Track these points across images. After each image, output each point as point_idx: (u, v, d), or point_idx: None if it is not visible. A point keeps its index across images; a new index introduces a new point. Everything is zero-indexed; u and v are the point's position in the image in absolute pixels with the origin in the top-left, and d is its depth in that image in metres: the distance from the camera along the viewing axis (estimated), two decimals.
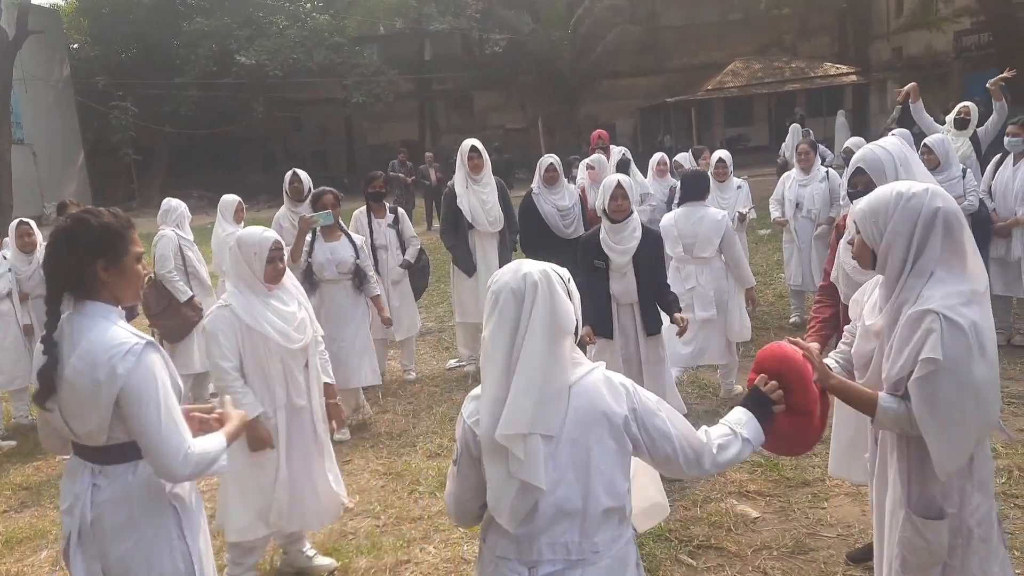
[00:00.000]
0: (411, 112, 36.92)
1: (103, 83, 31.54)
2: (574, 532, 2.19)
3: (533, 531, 2.19)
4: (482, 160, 7.21)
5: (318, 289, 6.10)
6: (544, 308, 2.17)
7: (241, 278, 3.93)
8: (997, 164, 6.93)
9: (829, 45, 36.97)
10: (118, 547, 2.50)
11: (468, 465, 2.26)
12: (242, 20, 32.14)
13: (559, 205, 7.19)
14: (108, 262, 2.47)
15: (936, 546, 2.52)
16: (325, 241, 6.14)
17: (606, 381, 2.25)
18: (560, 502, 2.17)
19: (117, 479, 2.50)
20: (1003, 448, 4.96)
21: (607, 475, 2.20)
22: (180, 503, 2.61)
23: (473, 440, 2.22)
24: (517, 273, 2.22)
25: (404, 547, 4.48)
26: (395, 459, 5.72)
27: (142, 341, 2.44)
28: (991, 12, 18.28)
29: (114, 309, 2.51)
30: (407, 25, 33.66)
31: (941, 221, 2.43)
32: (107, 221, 2.49)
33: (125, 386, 2.37)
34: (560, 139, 31.72)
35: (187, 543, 2.60)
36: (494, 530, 2.25)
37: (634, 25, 33.79)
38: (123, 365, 2.37)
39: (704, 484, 4.88)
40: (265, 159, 34.32)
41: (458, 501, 2.34)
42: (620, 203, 5.04)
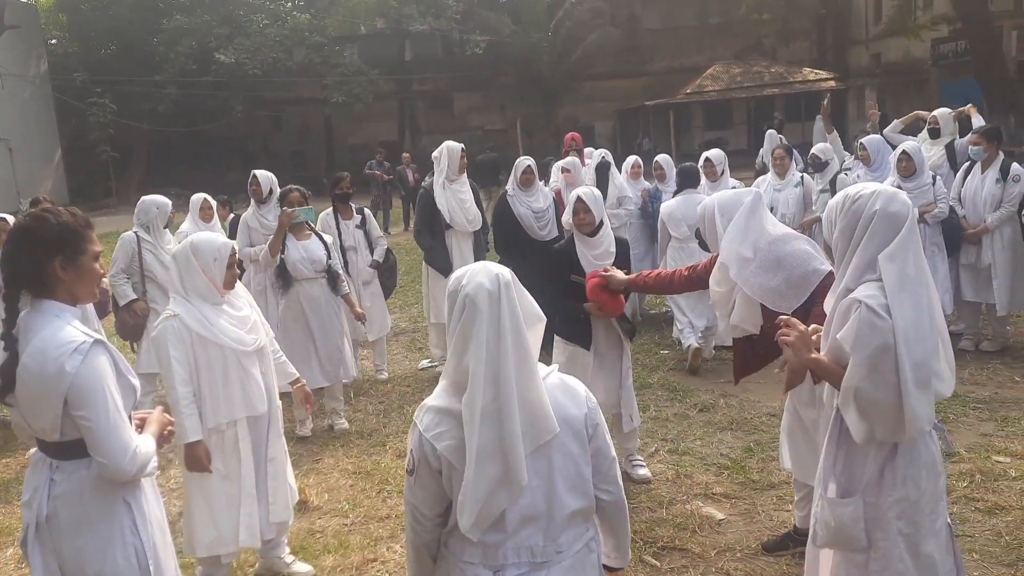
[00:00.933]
0: (391, 112, 36.87)
1: (81, 79, 31.30)
2: (539, 536, 2.22)
3: (499, 537, 2.20)
4: (467, 161, 7.42)
5: (292, 288, 6.08)
6: (519, 307, 2.20)
7: (193, 287, 3.74)
8: (966, 172, 7.04)
9: (808, 50, 37.25)
10: (72, 542, 2.53)
11: (427, 476, 2.23)
12: (222, 18, 31.98)
13: (534, 207, 7.22)
14: (66, 260, 2.50)
15: (844, 526, 2.61)
16: (297, 239, 6.12)
17: (562, 384, 2.29)
18: (525, 509, 2.19)
19: (72, 474, 2.53)
20: (967, 452, 5.04)
21: (571, 478, 2.23)
22: (134, 498, 2.63)
23: (432, 453, 2.19)
24: (488, 273, 2.20)
25: (371, 546, 4.49)
26: (365, 458, 5.72)
27: (90, 340, 2.46)
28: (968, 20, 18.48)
29: (69, 308, 2.53)
30: (387, 25, 33.65)
31: (887, 221, 2.56)
32: (66, 220, 2.52)
33: (72, 384, 2.40)
34: (539, 140, 31.77)
35: (140, 538, 2.61)
36: (458, 536, 2.24)
37: (614, 28, 33.90)
38: (70, 363, 2.39)
39: (670, 486, 4.92)
40: (244, 158, 34.10)
41: (415, 511, 2.29)
42: (583, 217, 4.99)
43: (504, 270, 2.23)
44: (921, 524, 2.62)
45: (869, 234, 2.57)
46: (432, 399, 2.26)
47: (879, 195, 2.60)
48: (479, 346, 2.13)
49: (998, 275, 6.79)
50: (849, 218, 2.63)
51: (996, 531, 4.15)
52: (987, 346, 7.04)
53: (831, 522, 2.65)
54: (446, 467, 2.18)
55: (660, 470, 5.14)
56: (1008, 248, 6.83)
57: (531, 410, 2.15)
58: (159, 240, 6.63)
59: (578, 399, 2.28)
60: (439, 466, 2.19)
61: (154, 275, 6.65)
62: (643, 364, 7.32)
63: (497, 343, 2.13)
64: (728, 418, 5.92)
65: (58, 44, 36.40)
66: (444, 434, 2.17)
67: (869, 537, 2.62)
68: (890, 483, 2.60)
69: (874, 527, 2.61)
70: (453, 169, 7.26)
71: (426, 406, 2.26)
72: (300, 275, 6.08)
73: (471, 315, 2.15)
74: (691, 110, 35.20)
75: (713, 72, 33.31)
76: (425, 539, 2.32)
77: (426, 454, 2.20)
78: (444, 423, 2.19)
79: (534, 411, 2.16)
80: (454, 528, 2.25)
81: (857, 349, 2.53)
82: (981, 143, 6.84)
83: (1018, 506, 4.35)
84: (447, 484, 2.21)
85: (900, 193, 2.66)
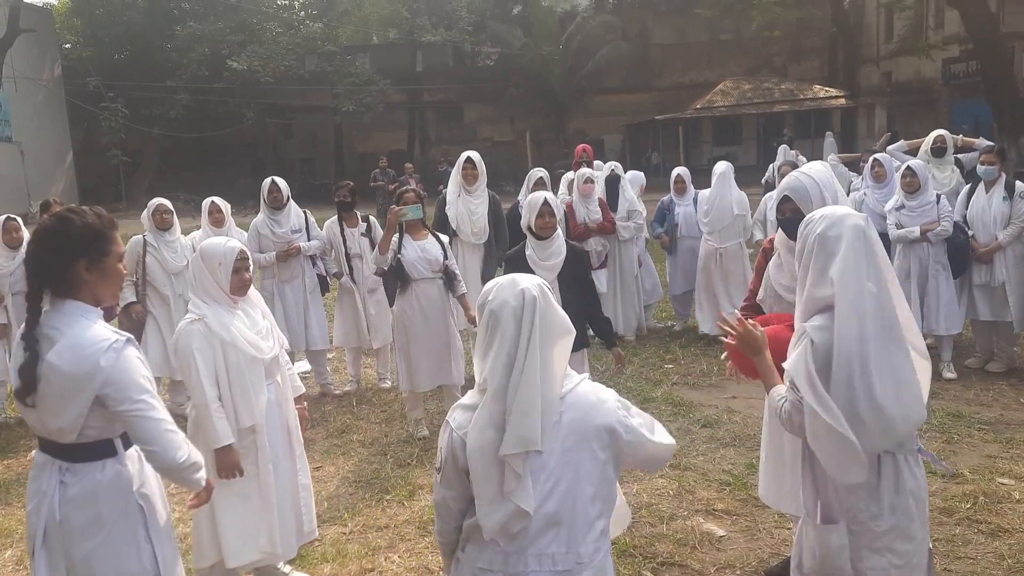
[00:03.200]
0: (401, 122, 37.01)
1: (94, 84, 31.52)
2: (561, 543, 2.22)
3: (521, 544, 2.21)
4: (476, 171, 7.17)
5: (410, 287, 5.96)
6: (543, 321, 2.24)
7: (205, 290, 3.74)
8: (970, 193, 7.02)
9: (819, 68, 37.33)
10: (84, 545, 2.51)
11: (453, 474, 2.27)
12: (235, 25, 32.21)
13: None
14: (90, 262, 2.50)
15: (827, 554, 2.60)
16: (414, 239, 6.01)
17: (594, 392, 2.32)
18: (549, 514, 2.20)
19: (85, 477, 2.52)
20: (970, 474, 5.00)
21: (595, 485, 2.25)
22: (147, 503, 2.62)
23: (461, 450, 2.23)
24: (515, 289, 2.26)
25: (369, 555, 4.47)
26: (365, 467, 5.70)
27: (122, 338, 2.49)
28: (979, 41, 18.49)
29: (93, 309, 2.54)
30: (400, 36, 33.84)
31: (819, 243, 2.59)
32: (91, 221, 2.53)
33: (109, 379, 2.42)
34: (548, 153, 31.88)
35: (153, 544, 2.61)
36: (476, 542, 2.26)
37: (625, 42, 34.10)
38: (105, 359, 2.42)
39: (671, 501, 4.90)
40: (254, 164, 34.35)
41: (442, 507, 2.33)
42: (547, 220, 5.01)
43: (534, 284, 2.29)
44: (912, 554, 2.61)
45: (814, 258, 2.60)
46: (466, 398, 2.32)
47: (824, 218, 2.62)
48: (496, 360, 2.21)
49: (1013, 292, 6.76)
50: (800, 243, 2.67)
51: (999, 553, 4.12)
52: (993, 367, 7.00)
53: (816, 550, 2.64)
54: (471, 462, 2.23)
55: (662, 485, 5.11)
56: (1020, 265, 6.81)
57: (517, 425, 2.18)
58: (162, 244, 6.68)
59: (606, 407, 2.30)
60: (466, 464, 2.22)
61: (154, 279, 6.68)
62: (647, 378, 7.30)
63: (513, 359, 2.20)
64: (731, 434, 5.89)
65: (72, 48, 36.69)
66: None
67: (855, 566, 2.61)
68: (877, 512, 2.58)
69: (860, 556, 2.60)
70: (461, 178, 7.19)
71: (460, 404, 2.33)
72: (418, 275, 5.95)
73: (493, 329, 2.23)
74: (700, 125, 35.28)
75: (723, 88, 33.39)
76: (450, 537, 2.36)
77: (455, 450, 2.24)
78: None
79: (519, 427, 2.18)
80: (472, 532, 2.27)
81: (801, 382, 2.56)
82: (995, 163, 6.82)
83: (1021, 529, 4.32)
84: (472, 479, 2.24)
85: (851, 216, 2.62)
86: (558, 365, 2.26)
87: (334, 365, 7.85)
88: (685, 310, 9.13)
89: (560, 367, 2.27)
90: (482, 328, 2.27)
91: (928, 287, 6.77)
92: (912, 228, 6.61)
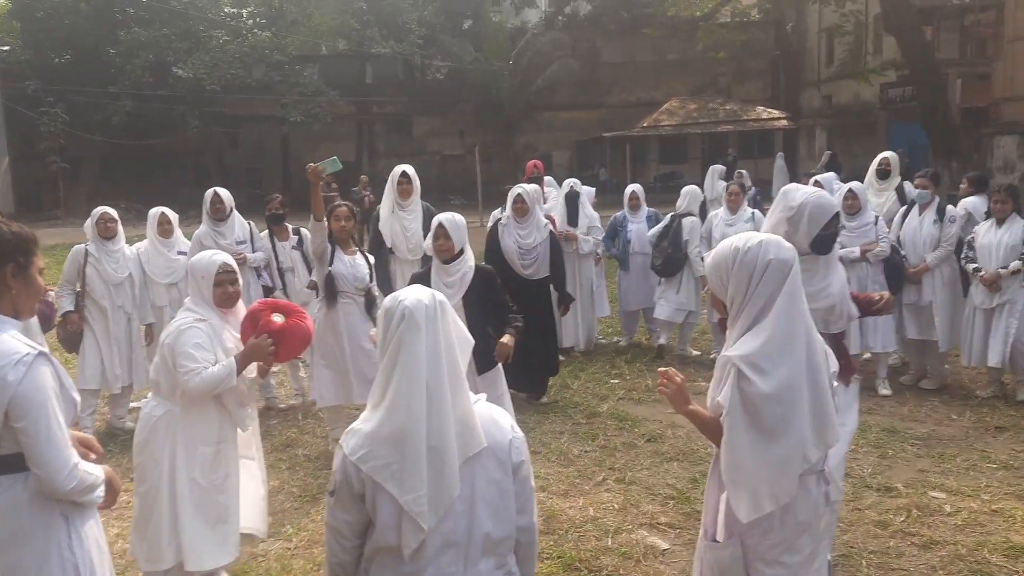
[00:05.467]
0: (349, 134, 36.79)
1: (33, 88, 30.69)
2: (459, 563, 2.23)
3: (421, 562, 2.21)
4: (411, 186, 7.10)
5: (335, 302, 5.86)
6: (452, 327, 2.26)
7: (199, 302, 3.81)
8: (904, 215, 7.27)
9: (762, 89, 38.14)
10: (6, 558, 2.49)
11: (348, 498, 2.25)
12: (181, 32, 31.68)
13: (522, 242, 6.90)
14: (17, 268, 2.50)
15: (723, 568, 2.70)
16: (344, 254, 5.92)
17: (488, 412, 2.35)
18: (446, 533, 2.21)
19: (7, 490, 2.49)
20: (904, 487, 5.15)
21: (493, 504, 2.26)
22: (71, 513, 2.59)
23: (356, 475, 2.20)
24: (426, 292, 2.27)
25: (314, 571, 4.44)
26: (311, 481, 5.67)
27: (34, 351, 2.45)
28: (914, 67, 19.08)
29: (9, 320, 2.51)
30: (349, 47, 33.64)
31: (777, 270, 2.59)
32: (17, 230, 2.54)
33: (15, 395, 2.38)
34: (497, 167, 32.00)
35: (75, 554, 2.58)
36: (378, 564, 2.27)
37: (575, 60, 34.38)
38: (13, 374, 2.38)
39: (616, 515, 4.95)
40: (199, 174, 33.72)
41: (336, 532, 2.30)
42: (442, 243, 5.00)
43: (439, 292, 2.31)
44: (799, 566, 2.68)
45: (763, 283, 2.58)
46: (358, 423, 2.27)
47: (768, 243, 2.63)
48: (416, 358, 2.17)
49: (939, 312, 7.00)
50: (744, 269, 2.60)
51: (931, 565, 4.25)
52: (926, 384, 7.22)
53: (714, 565, 2.74)
54: (370, 488, 2.20)
55: (607, 499, 5.17)
56: (948, 287, 7.08)
57: (461, 422, 2.21)
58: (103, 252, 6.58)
59: (503, 427, 2.33)
60: (362, 489, 2.21)
61: (92, 290, 6.56)
62: (593, 393, 7.37)
63: (433, 356, 2.18)
64: (676, 448, 5.98)
65: (10, 51, 35.68)
66: (369, 455, 2.19)
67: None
68: (768, 527, 2.64)
69: (755, 569, 2.67)
70: (396, 193, 7.11)
71: (352, 429, 2.27)
72: (343, 288, 5.89)
73: (408, 327, 2.18)
74: (647, 143, 35.76)
75: (669, 107, 33.96)
76: (344, 559, 2.32)
77: (349, 476, 2.22)
78: (368, 445, 2.20)
79: (464, 423, 2.21)
80: (375, 555, 2.27)
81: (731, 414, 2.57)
82: (928, 187, 7.10)
83: (952, 541, 4.46)
84: (370, 506, 2.22)
85: (783, 240, 2.70)
86: (464, 369, 2.27)
87: (279, 379, 7.77)
88: (632, 326, 9.24)
89: (464, 372, 2.27)
90: (392, 329, 2.21)
91: None
92: (853, 248, 6.81)
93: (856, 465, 5.51)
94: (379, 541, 2.23)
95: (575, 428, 6.48)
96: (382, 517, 2.20)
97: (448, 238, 4.97)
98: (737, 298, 2.64)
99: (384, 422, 2.20)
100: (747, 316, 2.62)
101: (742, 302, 2.63)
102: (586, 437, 6.28)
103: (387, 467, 2.17)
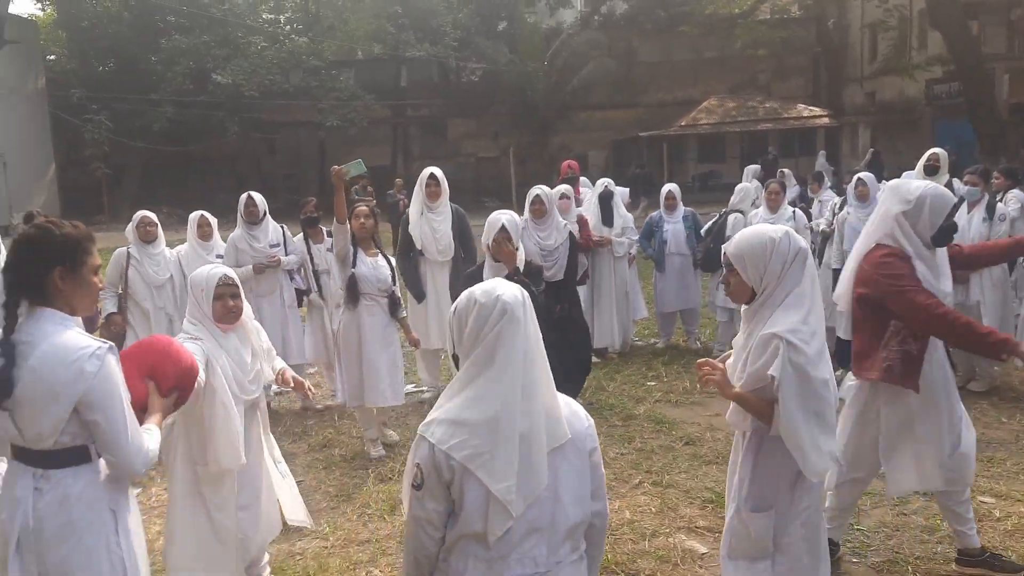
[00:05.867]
0: (385, 137, 37.02)
1: (78, 96, 31.31)
2: (543, 547, 2.30)
3: (505, 548, 2.27)
4: (440, 188, 7.06)
5: (359, 304, 5.92)
6: (535, 323, 2.33)
7: (196, 318, 3.70)
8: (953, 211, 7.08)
9: (803, 87, 37.65)
10: (57, 551, 2.54)
11: (437, 488, 2.27)
12: (220, 39, 32.11)
13: (543, 244, 6.76)
14: (65, 271, 2.55)
15: (757, 537, 2.95)
16: (366, 255, 5.97)
17: (565, 403, 2.40)
18: (532, 520, 2.27)
19: (60, 483, 2.55)
20: None
21: (573, 490, 2.33)
22: (118, 507, 2.66)
23: (446, 464, 2.23)
24: (511, 287, 2.33)
25: (351, 569, 4.45)
26: (347, 481, 5.68)
27: (104, 345, 2.53)
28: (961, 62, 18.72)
29: (70, 317, 2.58)
30: (384, 51, 33.81)
31: (802, 258, 2.91)
32: (68, 231, 2.59)
33: (91, 387, 2.46)
34: (532, 168, 31.93)
35: (122, 548, 2.64)
36: (459, 551, 2.31)
37: (611, 59, 34.19)
38: (89, 366, 2.46)
39: (653, 518, 4.89)
40: (237, 179, 34.08)
41: (423, 523, 2.32)
42: (502, 247, 4.99)
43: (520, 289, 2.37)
44: (819, 527, 3.03)
45: (793, 270, 2.89)
46: (442, 413, 2.29)
47: (790, 235, 2.95)
48: (514, 351, 2.23)
49: (988, 313, 6.82)
50: (778, 257, 2.90)
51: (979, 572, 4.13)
52: (975, 386, 7.04)
53: (746, 534, 2.98)
54: (458, 476, 2.23)
55: (643, 502, 5.10)
56: (998, 287, 6.89)
57: (548, 414, 2.29)
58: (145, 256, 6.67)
59: (580, 417, 2.41)
60: (450, 477, 2.24)
61: (134, 292, 6.67)
62: (629, 395, 7.30)
63: (529, 350, 2.26)
64: (714, 452, 5.89)
65: (57, 60, 36.49)
66: (461, 444, 2.22)
67: (776, 543, 2.98)
68: (799, 495, 2.96)
69: (780, 533, 2.97)
70: (424, 195, 7.08)
71: (436, 420, 2.29)
72: (366, 290, 5.93)
73: (509, 321, 2.24)
74: (685, 143, 35.47)
75: (708, 105, 33.62)
76: (431, 551, 2.35)
77: (438, 465, 2.24)
78: (459, 433, 2.23)
79: (551, 415, 2.29)
80: (455, 543, 2.31)
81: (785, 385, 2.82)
82: (978, 184, 6.92)
83: (1001, 547, 4.33)
84: (456, 494, 2.25)
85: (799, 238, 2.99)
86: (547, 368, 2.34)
87: (315, 380, 7.81)
88: (670, 328, 9.14)
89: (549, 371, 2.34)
90: (489, 324, 2.25)
91: None
92: None
93: None
94: (464, 528, 2.27)
95: (611, 430, 6.41)
96: (469, 504, 2.24)
97: (509, 240, 4.99)
98: (770, 283, 2.94)
99: (473, 411, 2.24)
100: (776, 298, 2.92)
101: (774, 284, 2.92)
102: (622, 440, 6.22)
103: (479, 455, 2.21)
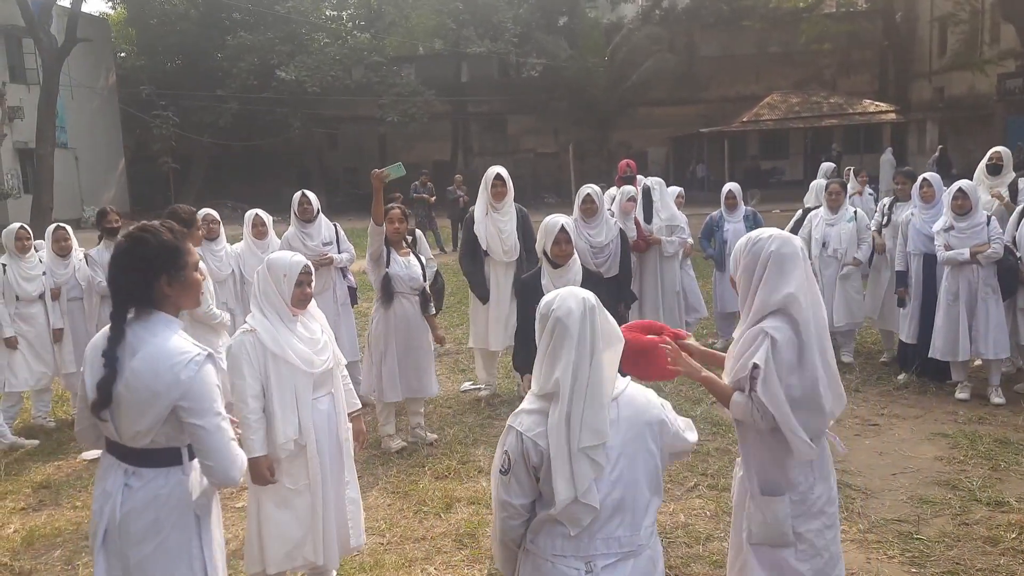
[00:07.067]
0: (445, 133, 37.28)
1: (147, 92, 32.22)
2: (626, 527, 2.49)
3: (591, 529, 2.46)
4: (505, 188, 7.07)
5: (391, 302, 6.11)
6: (604, 326, 2.50)
7: (268, 302, 3.84)
8: (1020, 215, 6.85)
9: (869, 82, 36.84)
10: (140, 549, 2.57)
11: (523, 472, 2.49)
12: (284, 36, 32.70)
13: (593, 241, 6.73)
14: (171, 277, 2.61)
15: (774, 522, 2.99)
16: (398, 255, 6.15)
17: (643, 393, 2.61)
18: (616, 502, 2.47)
19: (149, 482, 2.59)
20: (1016, 503, 4.89)
21: (650, 474, 2.53)
22: (203, 512, 2.69)
23: (534, 449, 2.46)
24: (577, 297, 2.50)
25: (406, 566, 4.51)
26: (403, 478, 5.75)
27: (204, 352, 2.57)
28: None
29: (175, 320, 2.64)
30: (445, 47, 34.07)
31: (774, 260, 2.92)
32: (165, 239, 2.63)
33: (187, 392, 2.49)
34: (591, 165, 31.84)
35: (203, 553, 2.67)
36: (547, 532, 2.50)
37: (671, 54, 33.88)
38: (186, 372, 2.50)
39: (708, 522, 4.86)
40: (300, 174, 34.74)
41: (509, 506, 2.52)
42: (563, 248, 4.97)
43: (590, 294, 2.54)
44: (835, 515, 3.07)
45: (768, 273, 2.92)
46: (527, 404, 2.55)
47: (774, 238, 2.96)
48: (568, 363, 2.44)
49: None
50: (750, 258, 2.96)
51: None
52: (1021, 388, 6.85)
53: (762, 519, 3.00)
54: (546, 462, 2.44)
55: (698, 505, 5.07)
56: None
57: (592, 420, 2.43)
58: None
59: (653, 404, 2.59)
60: (539, 462, 2.46)
61: None
62: (685, 396, 7.25)
63: (580, 361, 2.44)
64: None
65: (126, 57, 37.60)
66: (544, 433, 2.45)
67: (796, 531, 2.99)
68: (815, 482, 3.00)
69: (800, 522, 2.98)
70: (489, 195, 7.09)
71: (523, 410, 2.55)
72: (399, 289, 6.12)
73: (561, 336, 2.46)
74: (747, 139, 35.00)
75: (770, 101, 33.07)
76: (518, 533, 2.58)
77: (526, 451, 2.47)
78: (542, 423, 2.47)
79: (595, 420, 2.43)
80: (541, 524, 2.51)
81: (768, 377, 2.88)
82: None
83: None
84: (543, 478, 2.46)
85: (793, 238, 2.99)
86: (611, 369, 2.50)
87: None
88: (729, 328, 9.04)
89: (613, 371, 2.51)
90: (546, 336, 2.49)
91: (977, 310, 6.62)
92: (962, 250, 6.49)
93: (965, 477, 5.26)
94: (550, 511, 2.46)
95: None
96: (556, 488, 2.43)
97: (569, 242, 5.01)
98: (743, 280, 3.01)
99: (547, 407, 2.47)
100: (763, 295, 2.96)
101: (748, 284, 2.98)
102: None
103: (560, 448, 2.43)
